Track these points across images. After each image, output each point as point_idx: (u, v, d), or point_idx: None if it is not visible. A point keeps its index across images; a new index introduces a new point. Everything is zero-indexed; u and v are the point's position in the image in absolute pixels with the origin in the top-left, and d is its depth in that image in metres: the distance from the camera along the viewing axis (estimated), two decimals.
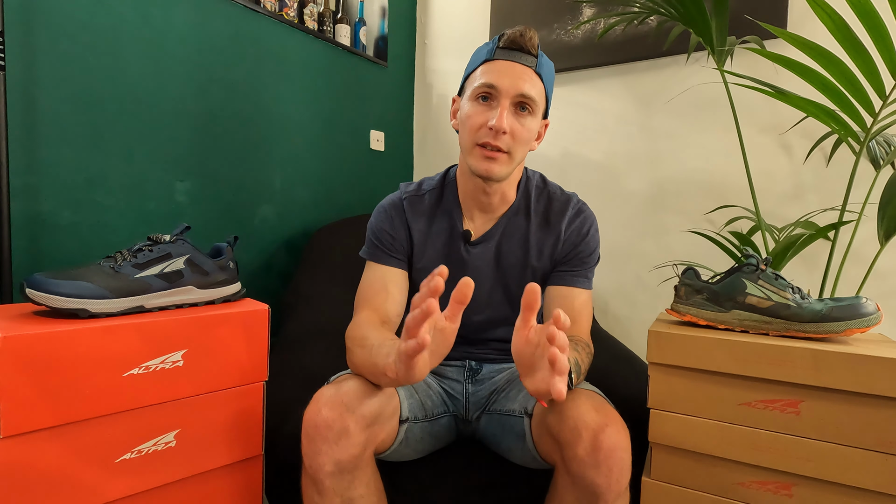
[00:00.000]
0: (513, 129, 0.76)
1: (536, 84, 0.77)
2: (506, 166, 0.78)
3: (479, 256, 0.88)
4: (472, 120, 0.77)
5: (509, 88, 0.75)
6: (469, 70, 0.82)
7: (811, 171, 1.30)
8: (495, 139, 0.75)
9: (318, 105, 1.54)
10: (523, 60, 0.76)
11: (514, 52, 0.76)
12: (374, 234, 0.88)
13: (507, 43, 0.76)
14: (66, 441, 0.69)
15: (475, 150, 0.78)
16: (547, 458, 0.75)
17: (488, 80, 0.76)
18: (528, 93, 0.75)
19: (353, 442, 0.66)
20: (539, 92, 0.77)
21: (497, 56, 0.77)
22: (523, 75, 0.75)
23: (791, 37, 0.90)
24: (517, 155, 0.78)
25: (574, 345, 0.75)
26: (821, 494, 0.72)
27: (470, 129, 0.78)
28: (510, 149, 0.77)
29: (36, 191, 0.98)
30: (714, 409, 0.77)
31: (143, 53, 1.12)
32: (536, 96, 0.76)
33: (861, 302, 0.76)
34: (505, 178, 0.80)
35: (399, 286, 0.86)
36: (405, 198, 0.89)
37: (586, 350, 0.77)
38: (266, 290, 1.40)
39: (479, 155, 0.77)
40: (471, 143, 0.78)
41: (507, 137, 0.76)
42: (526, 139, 0.78)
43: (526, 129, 0.77)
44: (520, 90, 0.75)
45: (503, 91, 0.75)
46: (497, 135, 0.75)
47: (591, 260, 0.86)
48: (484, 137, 0.76)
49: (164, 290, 0.80)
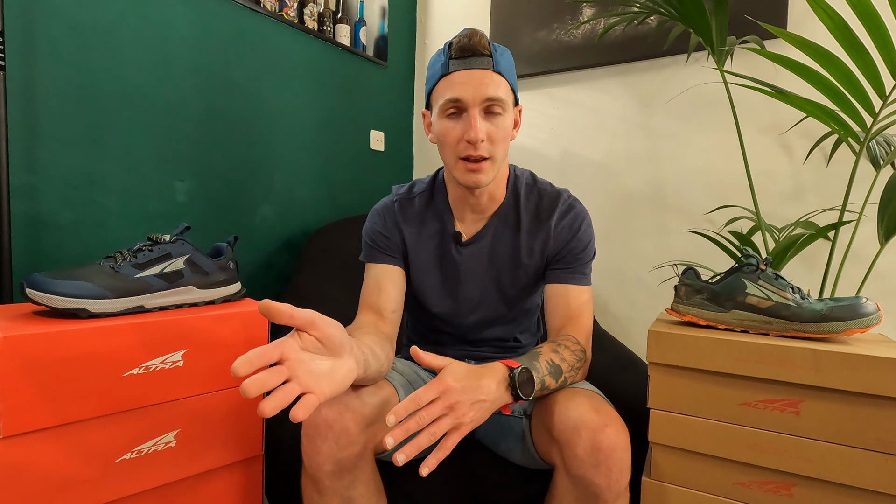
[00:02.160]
0: (489, 133, 0.76)
1: (500, 83, 0.76)
2: (490, 172, 0.78)
3: (471, 257, 0.88)
4: (448, 136, 0.78)
5: (475, 97, 0.74)
6: (430, 85, 0.81)
7: (811, 171, 1.30)
8: (476, 150, 0.75)
9: (318, 105, 1.54)
10: (480, 64, 0.75)
11: (468, 60, 0.75)
12: (368, 236, 0.89)
13: (458, 52, 0.75)
14: (66, 441, 0.69)
15: (459, 165, 0.78)
16: (546, 458, 0.75)
17: (452, 95, 0.75)
18: (493, 95, 0.75)
19: (353, 441, 0.66)
20: (504, 89, 0.77)
21: (453, 68, 0.76)
22: (483, 79, 0.75)
23: (791, 37, 0.90)
24: (499, 155, 0.78)
25: (556, 345, 0.75)
26: (821, 494, 0.72)
27: (449, 145, 0.78)
28: (491, 153, 0.77)
29: (36, 191, 0.98)
30: (714, 409, 0.77)
31: (143, 53, 1.12)
32: (503, 95, 0.76)
33: (861, 302, 0.76)
34: (492, 181, 0.81)
35: (394, 282, 0.87)
36: (396, 201, 0.90)
37: (572, 349, 0.77)
38: (266, 290, 1.40)
39: (462, 169, 0.78)
40: (453, 158, 0.79)
41: (485, 144, 0.76)
42: (503, 137, 0.78)
43: (501, 128, 0.77)
44: (485, 95, 0.75)
45: (469, 102, 0.75)
46: (476, 145, 0.75)
47: (585, 256, 0.86)
48: (464, 151, 0.76)
49: (164, 290, 0.80)
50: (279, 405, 0.46)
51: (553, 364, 0.71)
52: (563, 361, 0.73)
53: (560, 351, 0.74)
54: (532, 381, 0.67)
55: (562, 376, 0.72)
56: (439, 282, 0.89)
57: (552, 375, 0.70)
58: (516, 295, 0.89)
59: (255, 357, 0.46)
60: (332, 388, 0.53)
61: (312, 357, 0.52)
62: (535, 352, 0.73)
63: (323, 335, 0.53)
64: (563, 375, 0.72)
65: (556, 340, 0.77)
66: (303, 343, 0.51)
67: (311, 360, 0.52)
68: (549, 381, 0.70)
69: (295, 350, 0.50)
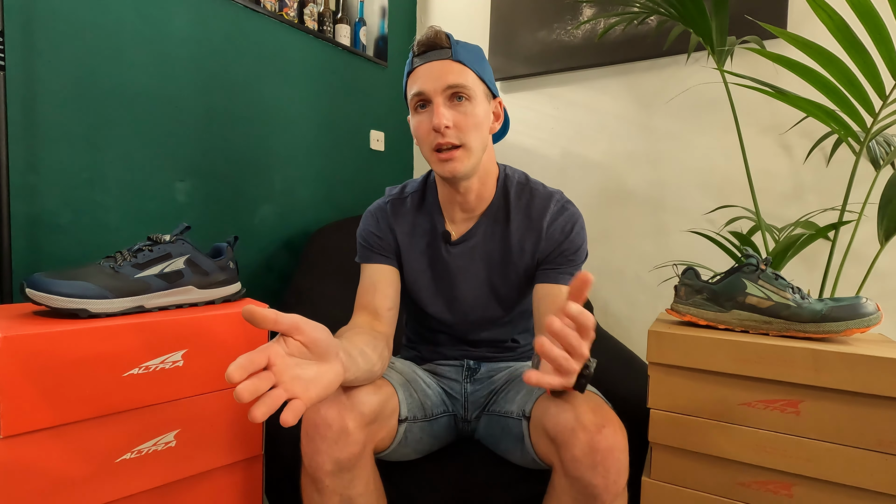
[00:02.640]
0: (454, 120, 0.77)
1: (462, 71, 0.78)
2: (466, 161, 0.78)
3: (460, 256, 0.88)
4: (419, 130, 0.80)
5: (436, 86, 0.77)
6: (404, 89, 0.84)
7: (811, 171, 1.30)
8: (443, 137, 0.77)
9: (318, 105, 1.54)
10: (439, 56, 0.78)
11: (428, 54, 0.78)
12: (362, 237, 0.90)
13: (420, 49, 0.79)
14: (66, 441, 0.69)
15: (433, 156, 0.79)
16: (545, 458, 0.75)
17: (416, 88, 0.78)
18: (454, 82, 0.77)
19: (353, 441, 0.66)
20: (469, 77, 0.78)
21: (415, 64, 0.79)
22: (443, 69, 0.77)
23: (791, 37, 0.90)
24: (472, 143, 0.78)
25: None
26: (821, 494, 0.72)
27: (421, 138, 0.80)
28: (462, 140, 0.77)
29: (36, 191, 0.98)
30: (714, 409, 0.77)
31: (143, 53, 1.12)
32: (466, 81, 0.77)
33: (861, 302, 0.76)
34: (471, 172, 0.81)
35: (388, 282, 0.87)
36: (388, 202, 0.91)
37: None
38: (266, 290, 1.40)
39: (437, 160, 0.79)
40: (428, 150, 0.80)
41: (452, 131, 0.77)
42: (474, 124, 0.78)
43: (469, 115, 0.78)
44: (444, 83, 0.76)
45: (431, 91, 0.77)
46: (442, 132, 0.76)
47: (578, 258, 0.85)
48: (434, 140, 0.78)
49: (164, 290, 0.80)
50: (268, 411, 0.46)
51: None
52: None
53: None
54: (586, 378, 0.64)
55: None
56: (431, 281, 0.90)
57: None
58: (509, 294, 0.89)
59: (245, 362, 0.46)
60: (317, 393, 0.53)
61: (298, 362, 0.52)
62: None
63: (308, 340, 0.52)
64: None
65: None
66: (288, 348, 0.51)
67: (297, 365, 0.51)
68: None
69: (280, 355, 0.50)
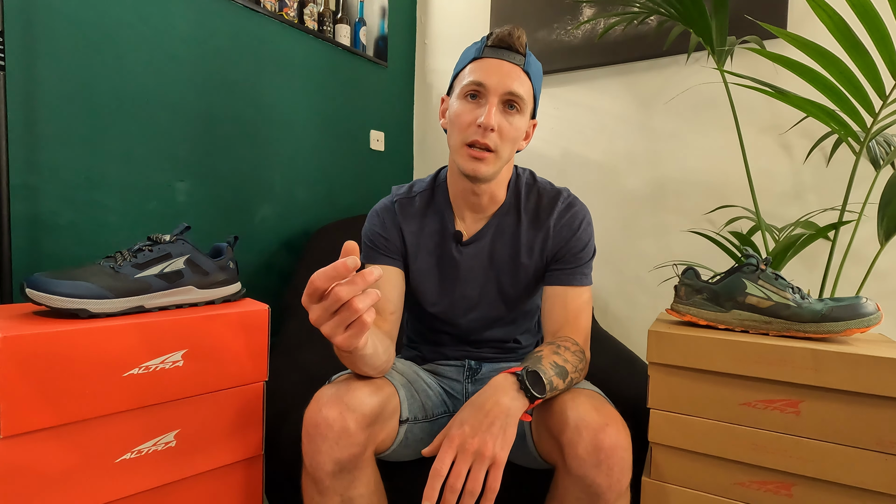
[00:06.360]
0: (500, 126, 0.76)
1: (524, 82, 0.77)
2: (492, 166, 0.78)
3: (471, 256, 0.88)
4: (461, 118, 0.77)
5: (497, 86, 0.75)
6: (458, 69, 0.82)
7: (811, 171, 1.30)
8: (483, 136, 0.75)
9: (318, 105, 1.54)
10: (511, 59, 0.77)
11: (502, 51, 0.77)
12: (367, 237, 0.89)
13: (495, 41, 0.77)
14: (66, 441, 0.69)
15: (463, 150, 0.78)
16: (548, 458, 0.75)
17: (476, 77, 0.76)
18: (516, 90, 0.75)
19: (354, 441, 0.67)
20: (527, 90, 0.78)
21: (485, 54, 0.77)
22: (511, 73, 0.76)
23: (791, 37, 0.90)
24: (504, 153, 0.78)
25: (556, 347, 0.75)
26: (821, 494, 0.72)
27: (459, 127, 0.78)
28: (497, 147, 0.77)
29: (36, 191, 0.98)
30: (714, 409, 0.77)
31: (143, 53, 1.12)
32: (524, 94, 0.77)
33: (861, 302, 0.76)
34: (492, 177, 0.80)
35: (392, 283, 0.86)
36: (396, 201, 0.90)
37: (572, 349, 0.77)
38: (266, 290, 1.40)
39: (466, 155, 0.78)
40: (459, 141, 0.78)
41: (494, 135, 0.76)
42: (514, 137, 0.78)
43: (514, 127, 0.77)
44: (508, 88, 0.75)
45: (491, 88, 0.75)
46: (485, 132, 0.75)
47: (585, 255, 0.85)
48: (472, 136, 0.76)
49: (164, 290, 0.80)
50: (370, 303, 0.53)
51: (557, 365, 0.71)
52: (566, 362, 0.73)
53: (561, 352, 0.74)
54: (541, 379, 0.67)
55: (568, 376, 0.72)
56: (438, 280, 0.89)
57: (559, 376, 0.70)
58: (516, 295, 0.89)
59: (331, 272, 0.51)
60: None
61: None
62: (536, 355, 0.73)
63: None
64: (569, 376, 0.72)
65: (554, 342, 0.77)
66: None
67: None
68: (556, 382, 0.70)
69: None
